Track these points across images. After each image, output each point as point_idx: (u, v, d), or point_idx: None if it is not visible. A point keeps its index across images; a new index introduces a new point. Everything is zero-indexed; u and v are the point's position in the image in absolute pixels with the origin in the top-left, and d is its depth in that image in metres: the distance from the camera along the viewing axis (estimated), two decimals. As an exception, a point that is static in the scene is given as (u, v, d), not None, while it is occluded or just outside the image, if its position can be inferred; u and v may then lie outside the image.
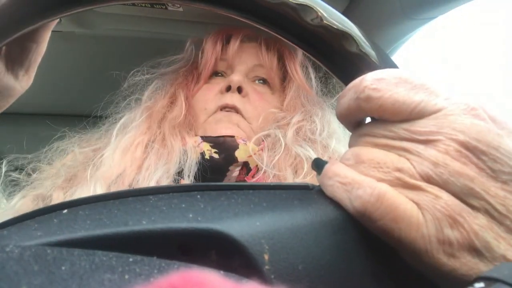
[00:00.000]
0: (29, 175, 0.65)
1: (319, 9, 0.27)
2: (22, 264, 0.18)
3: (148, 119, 0.68)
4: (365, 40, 0.28)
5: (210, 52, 0.74)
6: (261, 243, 0.21)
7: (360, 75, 0.29)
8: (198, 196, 0.24)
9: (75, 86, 1.14)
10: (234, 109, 0.69)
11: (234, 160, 0.63)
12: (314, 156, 0.61)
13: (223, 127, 0.67)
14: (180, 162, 0.62)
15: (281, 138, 0.65)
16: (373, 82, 0.24)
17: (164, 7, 0.83)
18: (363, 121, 0.28)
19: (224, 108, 0.69)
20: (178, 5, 0.82)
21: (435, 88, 0.24)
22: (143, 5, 0.82)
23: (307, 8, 0.27)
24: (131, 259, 0.19)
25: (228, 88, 0.70)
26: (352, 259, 0.23)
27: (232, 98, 0.69)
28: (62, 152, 0.68)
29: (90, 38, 0.93)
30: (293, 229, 0.22)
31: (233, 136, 0.65)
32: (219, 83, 0.74)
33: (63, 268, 0.18)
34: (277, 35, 0.29)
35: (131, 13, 0.86)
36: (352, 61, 0.27)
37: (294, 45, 0.29)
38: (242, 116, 0.69)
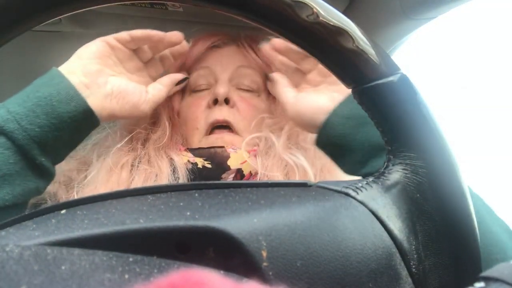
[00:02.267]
0: None
1: (315, 5, 0.27)
2: (22, 263, 0.18)
3: (129, 140, 0.66)
4: (362, 37, 0.28)
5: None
6: (259, 240, 0.21)
7: (357, 71, 0.29)
8: (196, 194, 0.24)
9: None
10: (226, 123, 0.67)
11: (227, 168, 0.63)
12: (306, 165, 0.61)
13: (215, 143, 0.66)
14: (170, 180, 0.61)
15: (275, 142, 0.64)
16: None
17: (164, 7, 0.83)
18: None
19: (215, 123, 0.67)
20: (178, 5, 0.82)
21: None
22: (143, 5, 0.82)
23: (302, 4, 0.27)
24: (131, 259, 0.19)
25: (215, 101, 0.68)
26: (351, 255, 0.23)
27: (222, 112, 0.67)
28: None
29: (90, 38, 0.93)
30: (291, 225, 0.22)
31: (223, 147, 0.64)
32: (204, 97, 0.71)
33: (63, 267, 0.18)
34: (273, 32, 0.29)
35: (131, 13, 0.86)
36: (349, 57, 0.27)
37: (291, 42, 0.29)
38: (234, 131, 0.68)
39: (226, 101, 0.68)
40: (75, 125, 0.51)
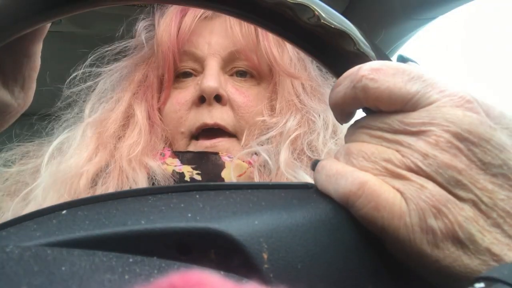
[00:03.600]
0: None
1: (316, 8, 0.27)
2: (22, 264, 0.18)
3: (95, 141, 0.53)
4: (363, 39, 0.28)
5: (166, 42, 0.55)
6: (260, 242, 0.21)
7: None
8: (197, 196, 0.24)
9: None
10: (217, 127, 0.54)
11: (220, 181, 0.52)
12: (310, 180, 0.49)
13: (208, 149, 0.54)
14: None
15: (272, 164, 0.53)
16: (371, 72, 0.24)
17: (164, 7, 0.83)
18: (354, 112, 0.28)
19: (203, 128, 0.55)
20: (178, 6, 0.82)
21: (432, 80, 0.24)
22: (143, 5, 0.82)
23: (304, 7, 0.27)
24: (131, 260, 0.19)
25: (202, 99, 0.54)
26: (351, 257, 0.23)
27: (211, 114, 0.54)
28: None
29: (90, 38, 0.93)
30: (292, 228, 0.22)
31: (217, 153, 0.53)
32: (188, 89, 0.56)
33: (63, 268, 0.18)
34: (274, 34, 0.29)
35: (131, 14, 0.86)
36: (350, 60, 0.27)
37: (292, 45, 0.29)
38: (229, 133, 0.56)
39: (217, 98, 0.54)
40: None
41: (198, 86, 0.54)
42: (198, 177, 0.52)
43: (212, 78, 0.53)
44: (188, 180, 0.52)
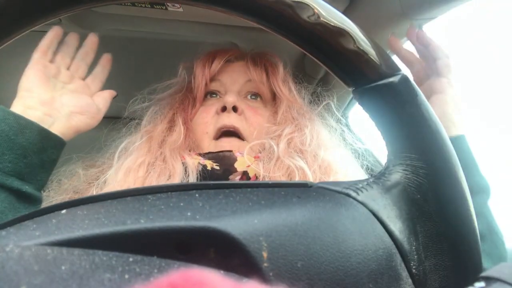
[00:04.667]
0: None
1: (316, 6, 0.27)
2: (22, 263, 0.18)
3: (148, 142, 0.71)
4: (363, 38, 0.28)
5: (200, 75, 0.78)
6: (259, 241, 0.21)
7: (358, 72, 0.29)
8: (197, 195, 0.24)
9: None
10: (233, 129, 0.73)
11: (234, 170, 0.68)
12: (304, 166, 0.65)
13: (224, 148, 0.71)
14: (182, 179, 0.65)
15: (275, 149, 0.69)
16: None
17: (164, 7, 0.83)
18: None
19: (223, 129, 0.73)
20: (178, 5, 0.82)
21: None
22: (143, 5, 0.82)
23: (304, 5, 0.27)
24: (131, 259, 0.19)
25: (224, 109, 0.74)
26: (351, 256, 0.23)
27: (230, 119, 0.73)
28: (70, 173, 0.72)
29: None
30: (291, 226, 0.22)
31: (231, 151, 0.69)
32: (214, 104, 0.77)
33: (63, 267, 0.18)
34: (275, 32, 0.29)
35: (131, 14, 0.86)
36: (350, 58, 0.27)
37: (292, 43, 0.29)
38: (241, 136, 0.73)
39: (234, 109, 0.73)
40: (37, 147, 0.57)
41: (221, 101, 0.76)
42: (217, 167, 0.67)
43: (232, 95, 0.75)
44: (210, 169, 0.66)
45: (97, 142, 0.78)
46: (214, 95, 0.80)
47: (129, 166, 0.66)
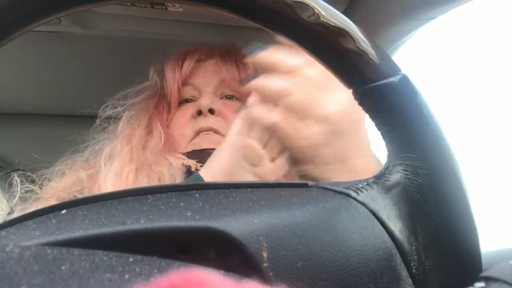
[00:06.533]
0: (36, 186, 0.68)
1: (316, 6, 0.27)
2: (22, 264, 0.18)
3: (129, 150, 0.70)
4: (363, 38, 0.28)
5: (172, 79, 0.76)
6: (259, 241, 0.21)
7: (358, 72, 0.29)
8: (197, 195, 0.24)
9: (75, 87, 1.14)
10: (212, 130, 0.71)
11: None
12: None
13: (204, 144, 0.70)
14: (172, 181, 0.64)
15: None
16: None
17: (164, 7, 0.83)
18: None
19: (201, 131, 0.72)
20: (178, 5, 0.82)
21: None
22: (143, 5, 0.82)
23: (303, 5, 0.27)
24: (131, 259, 0.19)
25: (200, 112, 0.72)
26: (351, 256, 0.23)
27: (206, 121, 0.72)
28: (65, 174, 0.70)
29: (90, 38, 0.93)
30: (291, 226, 0.22)
31: (214, 148, 0.65)
32: (190, 108, 0.75)
33: (63, 267, 0.18)
34: (274, 32, 0.29)
35: (131, 14, 0.86)
36: (350, 58, 0.27)
37: (291, 43, 0.29)
38: (220, 134, 0.71)
39: (211, 111, 0.72)
40: None
41: (196, 104, 0.74)
42: (201, 167, 0.65)
43: (207, 97, 0.73)
44: (194, 171, 0.65)
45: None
46: (190, 100, 0.78)
47: (117, 172, 0.65)
